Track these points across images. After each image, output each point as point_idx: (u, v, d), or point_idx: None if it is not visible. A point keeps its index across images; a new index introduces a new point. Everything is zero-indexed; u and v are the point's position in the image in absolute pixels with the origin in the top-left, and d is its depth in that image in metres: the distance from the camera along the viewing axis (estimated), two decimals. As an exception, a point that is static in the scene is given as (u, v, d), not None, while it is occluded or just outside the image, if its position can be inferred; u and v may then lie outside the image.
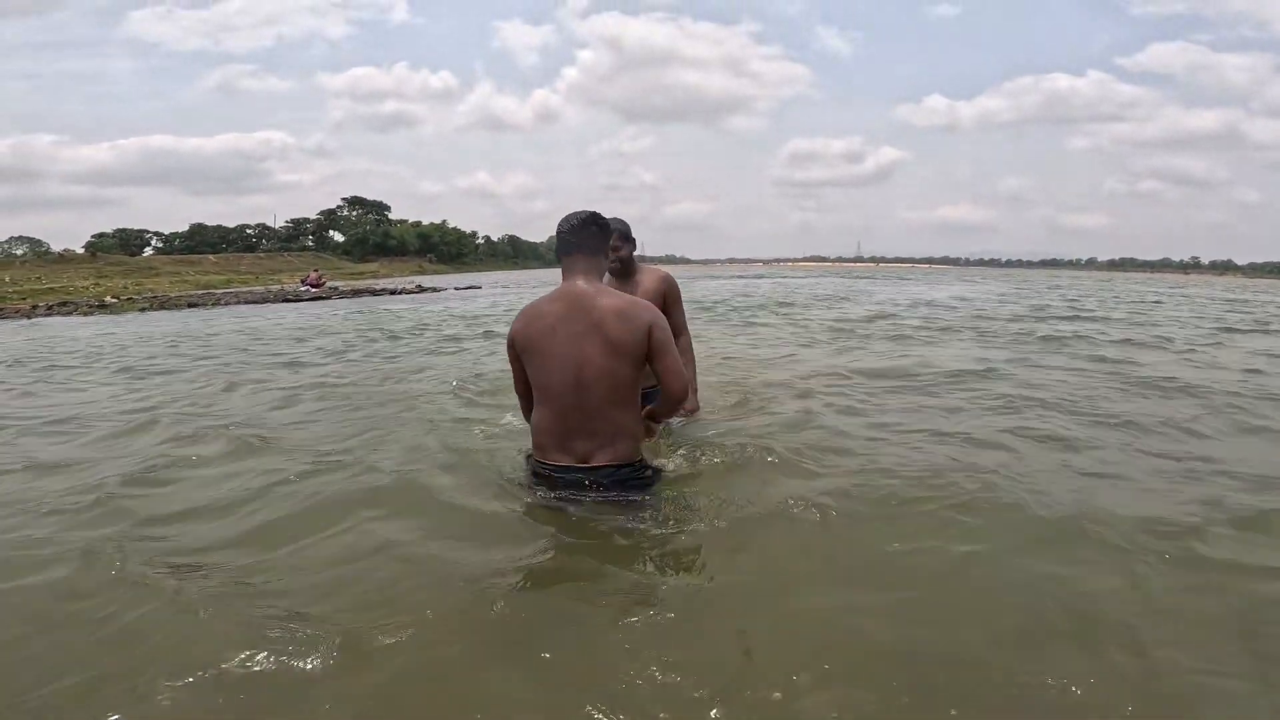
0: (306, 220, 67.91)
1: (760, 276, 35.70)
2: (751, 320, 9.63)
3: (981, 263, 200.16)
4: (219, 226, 64.50)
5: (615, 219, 2.60)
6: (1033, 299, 15.11)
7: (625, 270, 2.75)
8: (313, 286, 21.55)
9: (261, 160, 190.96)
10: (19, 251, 51.93)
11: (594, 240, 2.03)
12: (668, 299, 2.73)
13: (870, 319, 9.42)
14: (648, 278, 2.78)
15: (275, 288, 24.12)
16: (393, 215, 70.91)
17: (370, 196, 67.46)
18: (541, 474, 2.03)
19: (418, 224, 71.44)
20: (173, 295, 21.14)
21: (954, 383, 4.29)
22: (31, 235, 56.74)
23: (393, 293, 21.87)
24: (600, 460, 1.96)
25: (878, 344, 6.56)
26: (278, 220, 68.61)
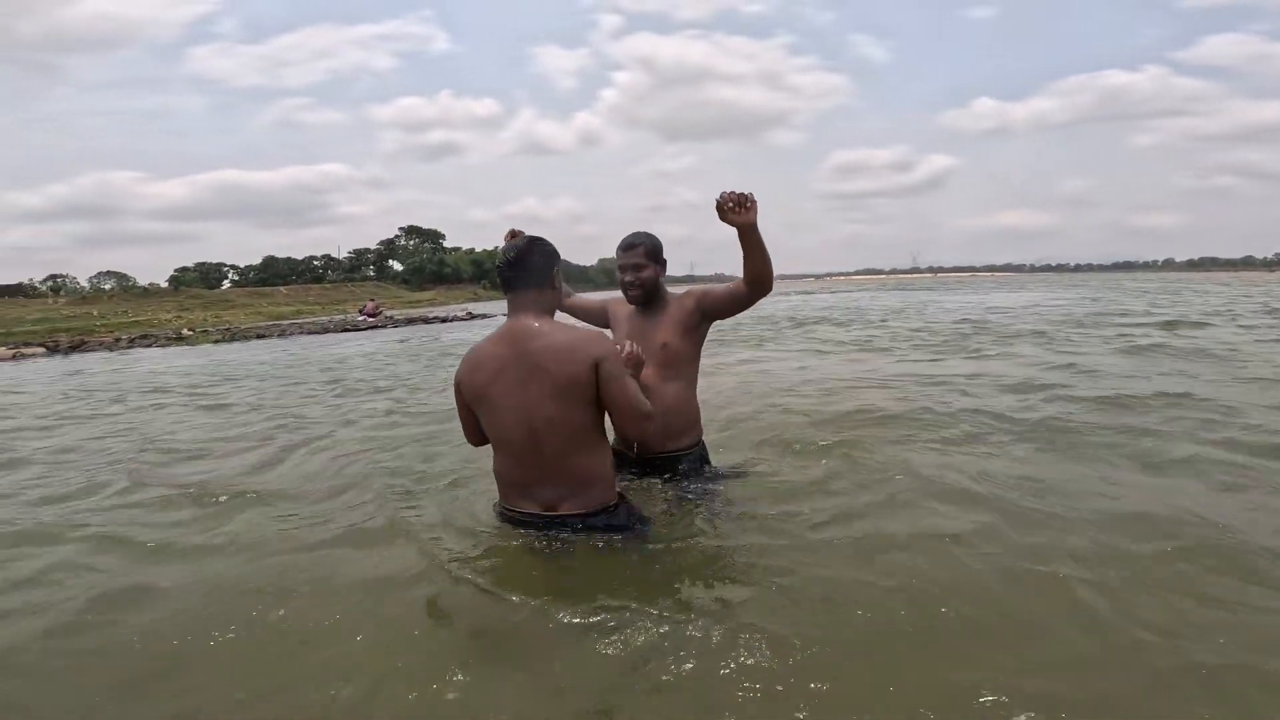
0: (368, 250, 71.04)
1: (826, 292, 34.81)
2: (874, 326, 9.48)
3: (1047, 268, 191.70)
4: (288, 258, 68.18)
5: (639, 234, 2.28)
6: (1168, 306, 13.69)
7: (650, 298, 2.27)
8: (370, 316, 22.44)
9: (322, 193, 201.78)
10: (107, 286, 56.06)
11: (537, 272, 1.84)
12: (706, 301, 2.24)
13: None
14: (675, 307, 2.26)
15: (338, 318, 25.24)
16: (447, 243, 73.36)
17: (425, 225, 70.09)
18: (509, 519, 1.94)
19: (471, 251, 73.59)
20: (243, 327, 22.40)
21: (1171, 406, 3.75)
22: (118, 270, 61.21)
23: (444, 320, 22.59)
24: (567, 509, 1.85)
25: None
26: (341, 251, 71.94)
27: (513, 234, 2.14)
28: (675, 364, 2.24)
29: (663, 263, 2.28)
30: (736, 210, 1.97)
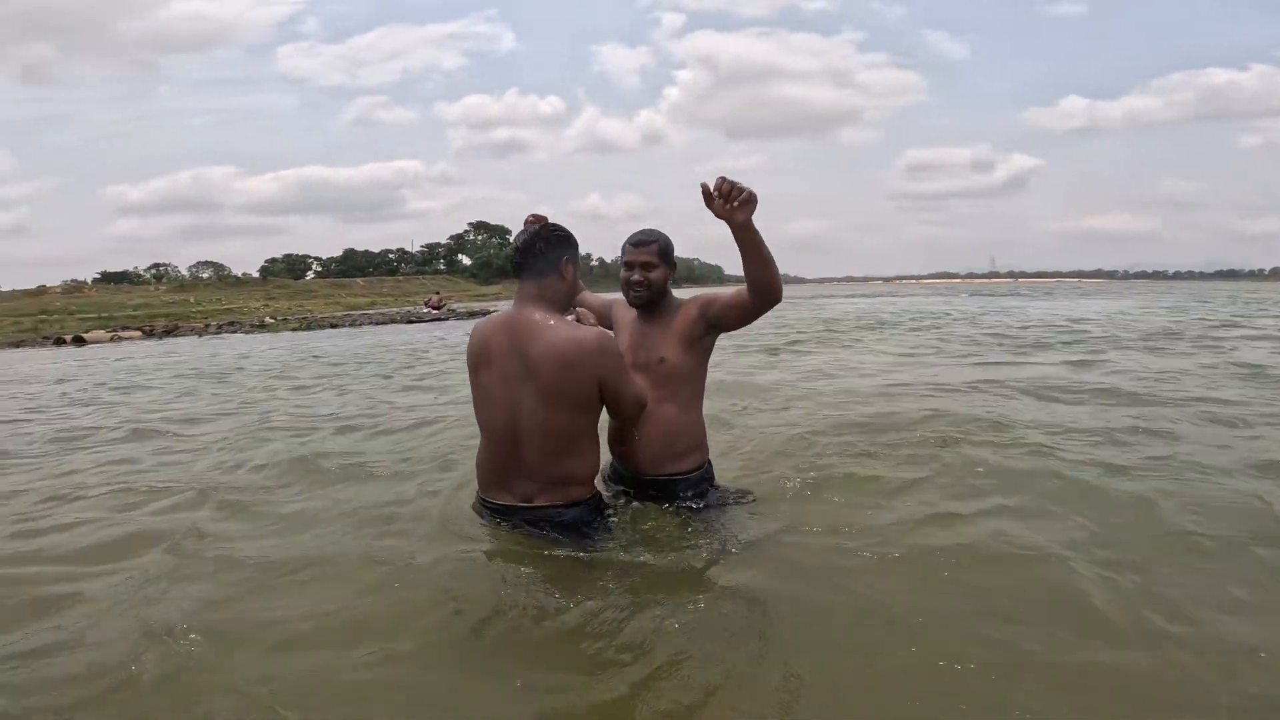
0: (438, 245, 73.71)
1: (894, 295, 33.60)
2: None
3: (1143, 275, 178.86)
4: (366, 251, 71.59)
5: (652, 230, 2.06)
6: None
7: (655, 302, 2.05)
8: (434, 309, 23.32)
9: (398, 188, 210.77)
10: (204, 275, 60.38)
11: (541, 260, 1.79)
12: (711, 309, 2.01)
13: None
14: (680, 316, 2.05)
15: (405, 309, 26.38)
16: (514, 239, 75.12)
17: (493, 221, 72.09)
18: (487, 509, 1.92)
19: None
20: (319, 316, 23.72)
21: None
22: (215, 260, 65.79)
23: (505, 313, 23.19)
24: (542, 501, 1.83)
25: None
26: (414, 245, 75.08)
27: (533, 219, 2.00)
28: (674, 381, 2.02)
29: (673, 265, 2.08)
30: (726, 203, 1.70)
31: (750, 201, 1.71)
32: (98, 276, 54.99)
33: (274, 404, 5.33)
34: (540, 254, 1.80)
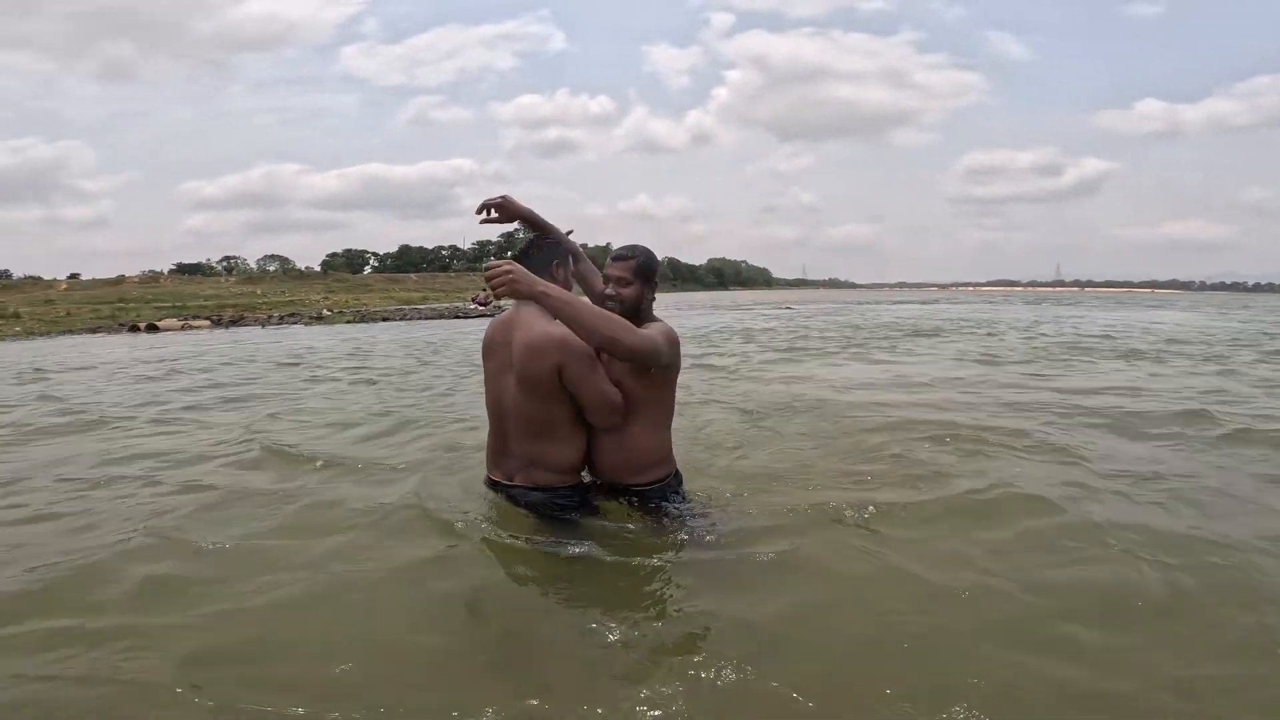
0: (489, 242, 75.37)
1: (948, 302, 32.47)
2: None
3: (1221, 286, 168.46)
4: (420, 248, 74.15)
5: (635, 246, 2.07)
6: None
7: (627, 318, 1.97)
8: (480, 305, 23.99)
9: (452, 186, 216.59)
10: (271, 268, 63.35)
11: (535, 263, 1.95)
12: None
13: None
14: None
15: (455, 305, 27.22)
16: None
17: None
18: (487, 484, 2.17)
19: (584, 246, 75.84)
20: (373, 309, 24.72)
21: None
22: (280, 254, 68.96)
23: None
24: (519, 480, 2.04)
25: None
26: (466, 242, 77.01)
27: (485, 291, 2.14)
28: (632, 401, 2.02)
29: (653, 284, 2.06)
30: (501, 285, 1.75)
31: (506, 282, 1.73)
32: (173, 268, 58.62)
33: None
34: (533, 259, 1.97)
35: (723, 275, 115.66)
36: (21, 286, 39.79)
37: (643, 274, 2.04)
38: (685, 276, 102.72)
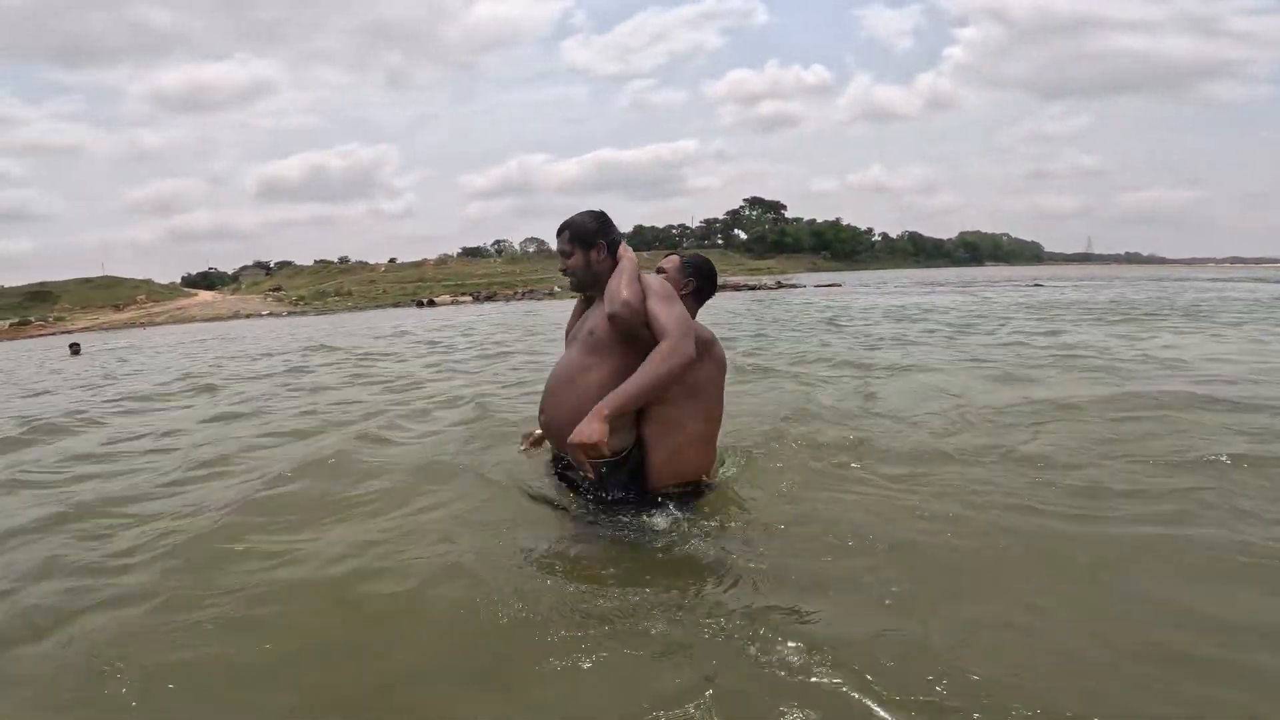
0: (715, 220, 77.56)
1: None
2: None
3: None
4: (652, 227, 78.73)
5: (572, 216, 2.05)
6: None
7: (583, 287, 2.08)
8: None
9: (677, 166, 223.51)
10: (531, 250, 72.93)
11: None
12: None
13: None
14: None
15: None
16: (789, 214, 75.30)
17: (767, 196, 73.15)
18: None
19: (812, 222, 74.22)
20: (599, 287, 27.86)
21: None
22: (538, 237, 78.85)
23: (752, 289, 24.55)
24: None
25: None
26: (694, 220, 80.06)
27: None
28: (600, 350, 1.93)
29: (596, 246, 1.99)
30: (594, 456, 1.75)
31: (584, 446, 1.73)
32: (460, 251, 70.76)
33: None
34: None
35: (978, 250, 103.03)
36: (353, 270, 52.24)
37: (582, 240, 2.00)
38: (930, 251, 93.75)
